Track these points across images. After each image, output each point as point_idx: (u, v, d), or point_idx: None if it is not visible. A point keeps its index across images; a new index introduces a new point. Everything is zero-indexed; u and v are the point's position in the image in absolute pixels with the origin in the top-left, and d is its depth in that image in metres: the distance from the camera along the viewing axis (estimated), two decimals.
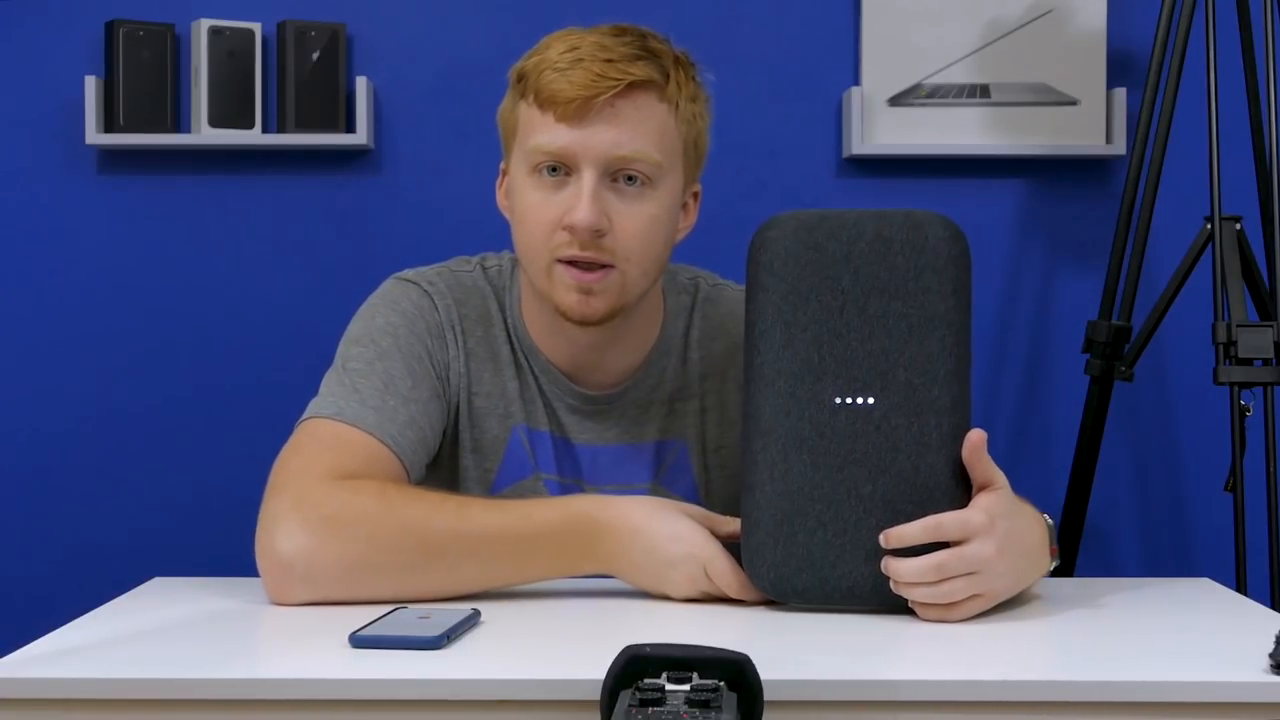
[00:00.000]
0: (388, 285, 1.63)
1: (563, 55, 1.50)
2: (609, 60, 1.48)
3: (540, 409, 1.61)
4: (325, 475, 1.43)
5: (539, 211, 1.51)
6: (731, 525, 1.43)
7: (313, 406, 1.52)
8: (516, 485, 1.61)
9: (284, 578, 1.39)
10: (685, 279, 1.68)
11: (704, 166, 1.62)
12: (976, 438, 1.35)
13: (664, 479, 1.61)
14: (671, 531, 1.40)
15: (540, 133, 1.50)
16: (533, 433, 1.61)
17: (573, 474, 1.61)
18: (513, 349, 1.61)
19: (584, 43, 1.50)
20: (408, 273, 1.64)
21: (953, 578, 1.31)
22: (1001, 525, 1.33)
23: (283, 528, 1.39)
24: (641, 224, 1.51)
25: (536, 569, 1.41)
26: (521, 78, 1.54)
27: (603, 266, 1.50)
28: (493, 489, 1.60)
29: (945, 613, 1.32)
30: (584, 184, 1.49)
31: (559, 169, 1.50)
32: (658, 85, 1.50)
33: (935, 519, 1.33)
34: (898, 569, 1.32)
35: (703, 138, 1.58)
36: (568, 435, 1.61)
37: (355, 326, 1.59)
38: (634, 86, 1.49)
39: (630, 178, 1.50)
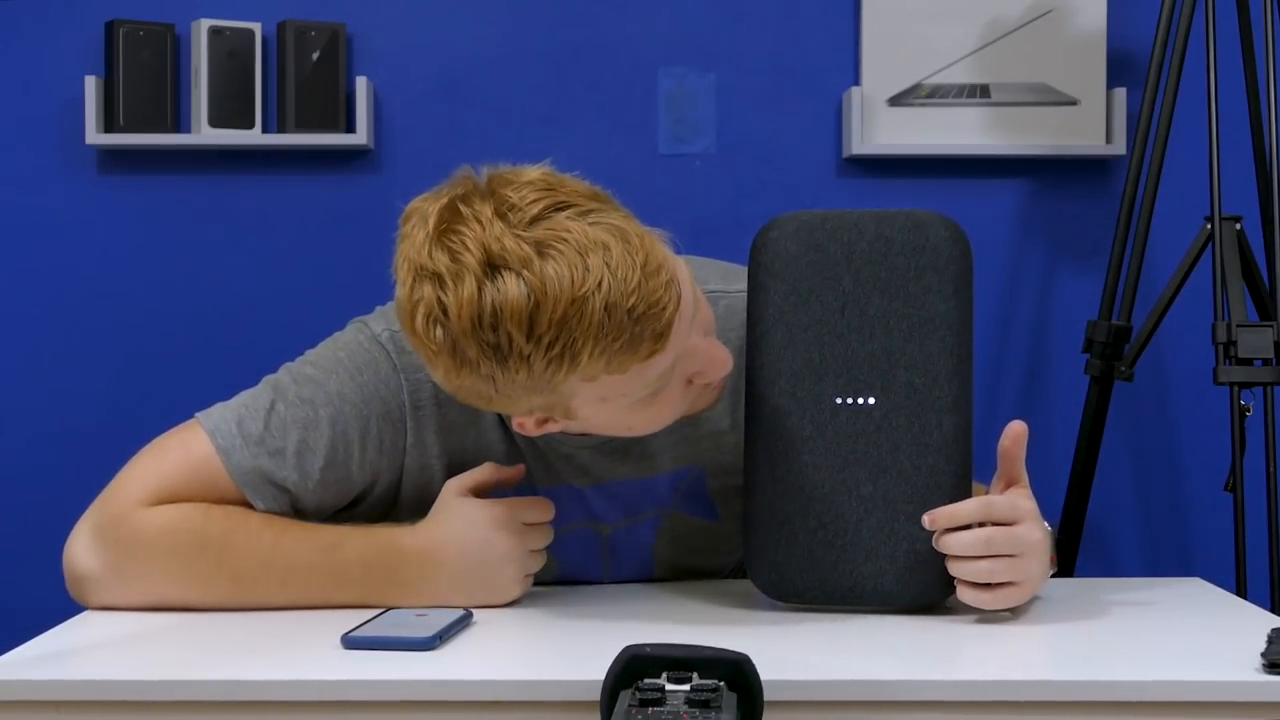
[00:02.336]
0: (362, 342, 1.46)
1: (609, 334, 1.24)
2: (645, 290, 1.25)
3: (537, 466, 1.49)
4: (156, 495, 1.42)
5: (672, 404, 1.37)
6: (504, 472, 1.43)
7: (218, 419, 1.45)
8: None
9: (77, 586, 1.42)
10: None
11: None
12: (1020, 429, 1.37)
13: (679, 505, 1.55)
14: (472, 547, 1.38)
15: (647, 374, 1.30)
16: (523, 493, 1.49)
17: (584, 517, 1.52)
18: (500, 417, 1.47)
19: (610, 300, 1.23)
20: (385, 333, 1.45)
21: (998, 555, 1.31)
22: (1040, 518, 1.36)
23: (84, 541, 1.43)
24: (709, 315, 1.41)
25: (345, 598, 1.39)
26: (588, 366, 1.27)
27: None
28: None
29: (981, 595, 1.32)
30: (699, 349, 1.35)
31: None
32: (641, 230, 1.30)
33: (986, 499, 1.34)
34: (946, 542, 1.32)
35: None
36: (569, 483, 1.50)
37: (313, 370, 1.47)
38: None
39: None
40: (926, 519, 1.33)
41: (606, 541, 1.54)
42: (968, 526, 1.33)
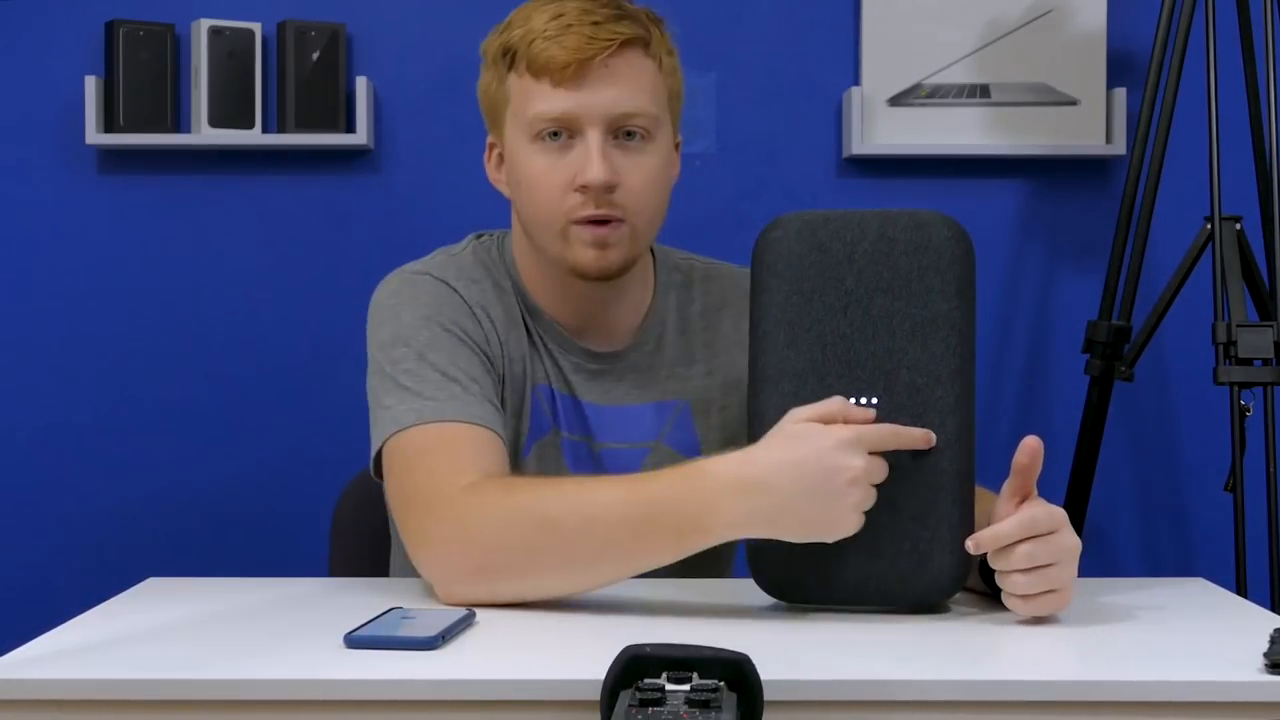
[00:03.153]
0: (398, 283, 1.60)
1: (550, 24, 1.53)
2: (596, 23, 1.52)
3: (551, 367, 1.62)
4: (450, 483, 1.42)
5: (548, 177, 1.55)
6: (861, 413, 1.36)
7: (390, 422, 1.50)
8: (539, 444, 1.60)
9: (442, 589, 1.41)
10: (678, 259, 1.72)
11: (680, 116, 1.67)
12: (1038, 445, 1.34)
13: (668, 437, 1.62)
14: (814, 470, 1.30)
15: (539, 101, 1.54)
16: (549, 390, 1.62)
17: (581, 431, 1.62)
18: (522, 312, 1.62)
19: (567, 9, 1.54)
20: (411, 266, 1.63)
21: (1038, 568, 1.31)
22: None
23: (428, 546, 1.42)
24: (647, 176, 1.56)
25: (657, 544, 1.34)
26: (507, 51, 1.58)
27: (614, 220, 1.54)
28: (524, 451, 1.60)
29: (1023, 605, 1.32)
30: (591, 144, 1.53)
31: (561, 133, 1.54)
32: (643, 41, 1.55)
33: (1029, 514, 1.31)
34: (994, 562, 1.32)
35: (681, 88, 1.63)
36: (575, 393, 1.63)
37: (384, 330, 1.57)
38: (624, 44, 1.53)
39: (630, 133, 1.55)
40: (970, 544, 1.32)
41: (598, 459, 1.60)
42: None
